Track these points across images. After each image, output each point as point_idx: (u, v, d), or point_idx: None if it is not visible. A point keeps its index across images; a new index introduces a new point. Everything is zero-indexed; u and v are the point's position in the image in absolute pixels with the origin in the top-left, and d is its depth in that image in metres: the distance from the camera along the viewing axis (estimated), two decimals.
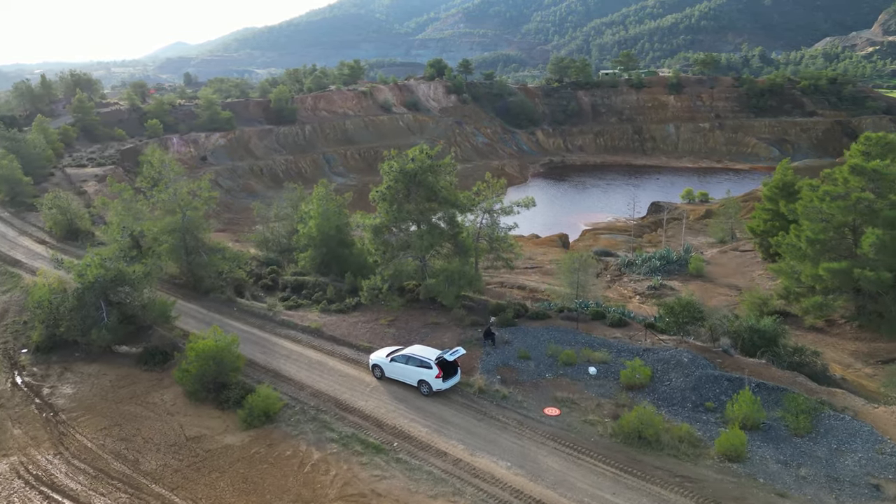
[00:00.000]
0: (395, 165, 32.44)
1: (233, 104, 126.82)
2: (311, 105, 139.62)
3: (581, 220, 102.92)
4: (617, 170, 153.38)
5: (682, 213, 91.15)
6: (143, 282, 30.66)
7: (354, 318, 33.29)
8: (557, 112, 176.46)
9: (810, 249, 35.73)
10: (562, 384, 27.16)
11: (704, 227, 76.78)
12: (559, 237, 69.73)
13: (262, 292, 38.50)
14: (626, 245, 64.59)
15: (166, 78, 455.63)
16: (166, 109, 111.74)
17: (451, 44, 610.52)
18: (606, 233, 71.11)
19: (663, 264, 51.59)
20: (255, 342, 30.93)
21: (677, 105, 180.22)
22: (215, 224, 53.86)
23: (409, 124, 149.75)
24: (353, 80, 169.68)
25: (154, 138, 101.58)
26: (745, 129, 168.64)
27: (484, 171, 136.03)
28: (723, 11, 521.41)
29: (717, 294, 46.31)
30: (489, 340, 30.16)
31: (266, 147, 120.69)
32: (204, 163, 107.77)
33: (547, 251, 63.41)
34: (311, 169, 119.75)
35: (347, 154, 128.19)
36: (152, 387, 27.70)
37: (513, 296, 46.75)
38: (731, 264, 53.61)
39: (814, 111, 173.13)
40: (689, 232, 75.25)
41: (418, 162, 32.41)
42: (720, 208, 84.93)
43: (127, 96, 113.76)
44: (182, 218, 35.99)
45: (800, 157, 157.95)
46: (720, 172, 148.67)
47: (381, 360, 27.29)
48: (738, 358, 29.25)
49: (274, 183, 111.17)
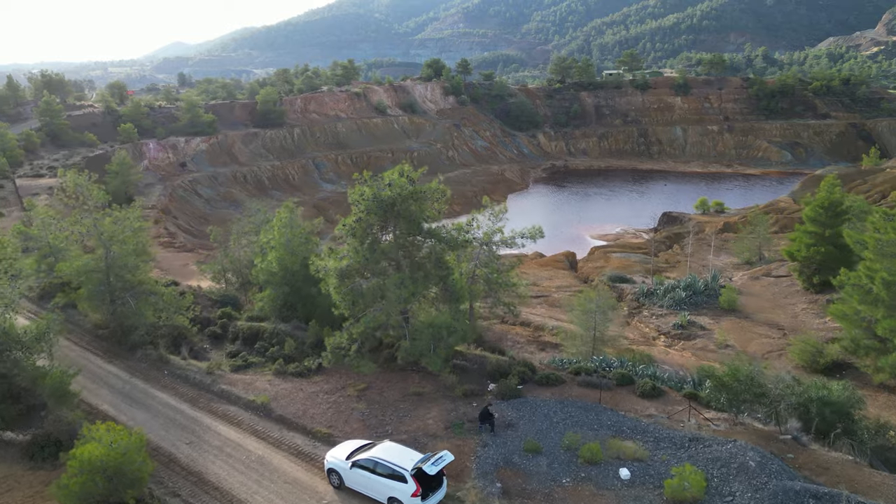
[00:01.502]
0: (367, 192, 25.34)
1: (217, 106, 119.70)
2: (301, 107, 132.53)
3: (587, 231, 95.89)
4: (622, 174, 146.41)
5: (696, 224, 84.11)
6: (37, 346, 23.53)
7: (315, 387, 26.17)
8: (559, 114, 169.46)
9: (887, 294, 28.66)
10: (584, 495, 20.07)
11: (724, 243, 69.66)
12: (566, 256, 62.64)
13: (209, 343, 31.37)
14: (641, 267, 57.52)
15: (162, 78, 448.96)
16: (144, 112, 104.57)
17: (450, 44, 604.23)
18: (618, 251, 63.98)
19: (689, 295, 44.50)
20: (182, 426, 23.80)
21: (684, 107, 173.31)
22: (157, 256, 46.38)
23: (404, 127, 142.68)
24: (346, 81, 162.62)
25: (128, 143, 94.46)
26: (756, 131, 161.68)
27: (483, 177, 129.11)
28: (725, 11, 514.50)
29: (757, 335, 39.23)
30: (487, 424, 23.09)
31: (251, 152, 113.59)
32: (183, 169, 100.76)
33: (553, 275, 56.32)
34: (299, 175, 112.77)
35: (338, 159, 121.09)
36: (35, 494, 20.62)
37: (515, 336, 39.73)
38: (765, 294, 46.52)
39: (827, 113, 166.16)
40: (708, 248, 68.18)
41: (397, 187, 25.30)
42: (743, 221, 77.90)
43: (101, 98, 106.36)
44: (105, 255, 28.80)
45: (814, 161, 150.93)
46: (730, 178, 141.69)
47: (339, 463, 20.19)
48: (816, 452, 22.16)
49: (258, 191, 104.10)
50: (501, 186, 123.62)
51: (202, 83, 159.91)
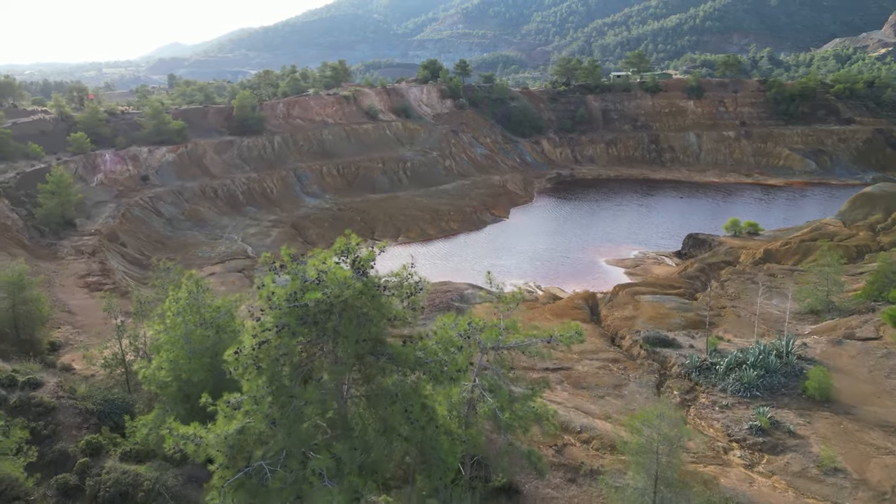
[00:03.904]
0: (278, 294, 14.05)
1: (188, 112, 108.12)
2: (284, 112, 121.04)
3: (601, 254, 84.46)
4: (632, 185, 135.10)
5: (729, 250, 72.78)
6: None
7: None
8: (564, 118, 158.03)
9: None
10: None
11: (772, 279, 58.32)
12: (585, 300, 51.22)
13: (57, 500, 20.00)
14: (681, 317, 46.09)
15: (157, 79, 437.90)
16: (102, 119, 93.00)
17: (449, 44, 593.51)
18: (647, 290, 52.54)
19: (761, 376, 33.11)
20: None
21: (697, 111, 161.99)
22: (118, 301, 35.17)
23: (397, 133, 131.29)
24: (336, 84, 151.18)
25: (79, 155, 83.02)
26: (775, 138, 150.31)
27: (483, 189, 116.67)
28: (728, 12, 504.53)
29: (872, 448, 27.83)
30: None
31: (225, 163, 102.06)
32: (145, 184, 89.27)
33: (571, 327, 44.80)
34: (278, 188, 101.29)
35: (323, 170, 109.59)
36: None
37: (534, 442, 28.22)
38: (859, 370, 35.13)
39: (851, 118, 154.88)
40: (752, 286, 56.85)
41: (335, 284, 14.01)
42: (787, 250, 66.58)
43: (55, 102, 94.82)
44: None
45: (840, 171, 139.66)
46: (750, 189, 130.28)
47: None
48: None
49: (230, 208, 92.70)
50: (503, 200, 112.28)
51: (181, 85, 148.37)
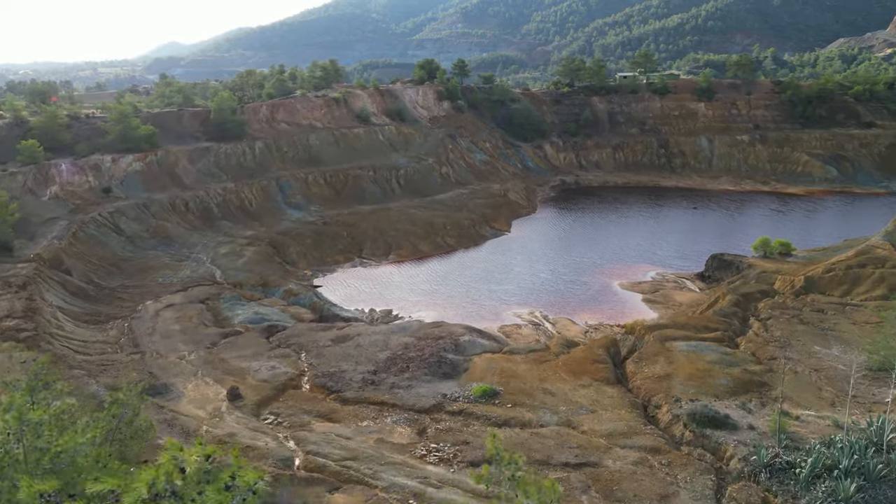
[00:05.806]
0: None
1: (161, 116, 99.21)
2: (267, 115, 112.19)
3: (614, 276, 75.51)
4: (642, 193, 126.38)
5: (760, 275, 63.93)
6: None
7: None
8: (568, 121, 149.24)
9: None
10: None
11: (823, 318, 49.57)
12: (604, 347, 42.31)
13: None
14: (727, 376, 37.26)
15: (152, 79, 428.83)
16: (62, 124, 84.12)
17: (448, 44, 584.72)
18: (680, 336, 43.65)
19: (861, 487, 24.43)
20: None
21: (709, 114, 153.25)
22: None
23: (390, 138, 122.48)
24: (327, 84, 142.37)
25: (30, 165, 74.22)
26: (792, 142, 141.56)
27: (483, 199, 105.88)
28: (730, 11, 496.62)
29: None
30: None
31: (199, 172, 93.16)
32: (107, 196, 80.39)
33: (594, 395, 36.02)
34: (258, 200, 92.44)
35: (309, 178, 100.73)
36: None
37: None
38: None
39: (872, 122, 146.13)
40: (799, 324, 48.12)
41: None
42: (833, 278, 57.77)
43: (9, 105, 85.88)
44: None
45: (863, 178, 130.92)
46: (768, 197, 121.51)
47: None
48: None
49: (203, 222, 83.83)
50: (504, 211, 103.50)
51: (160, 86, 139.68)
